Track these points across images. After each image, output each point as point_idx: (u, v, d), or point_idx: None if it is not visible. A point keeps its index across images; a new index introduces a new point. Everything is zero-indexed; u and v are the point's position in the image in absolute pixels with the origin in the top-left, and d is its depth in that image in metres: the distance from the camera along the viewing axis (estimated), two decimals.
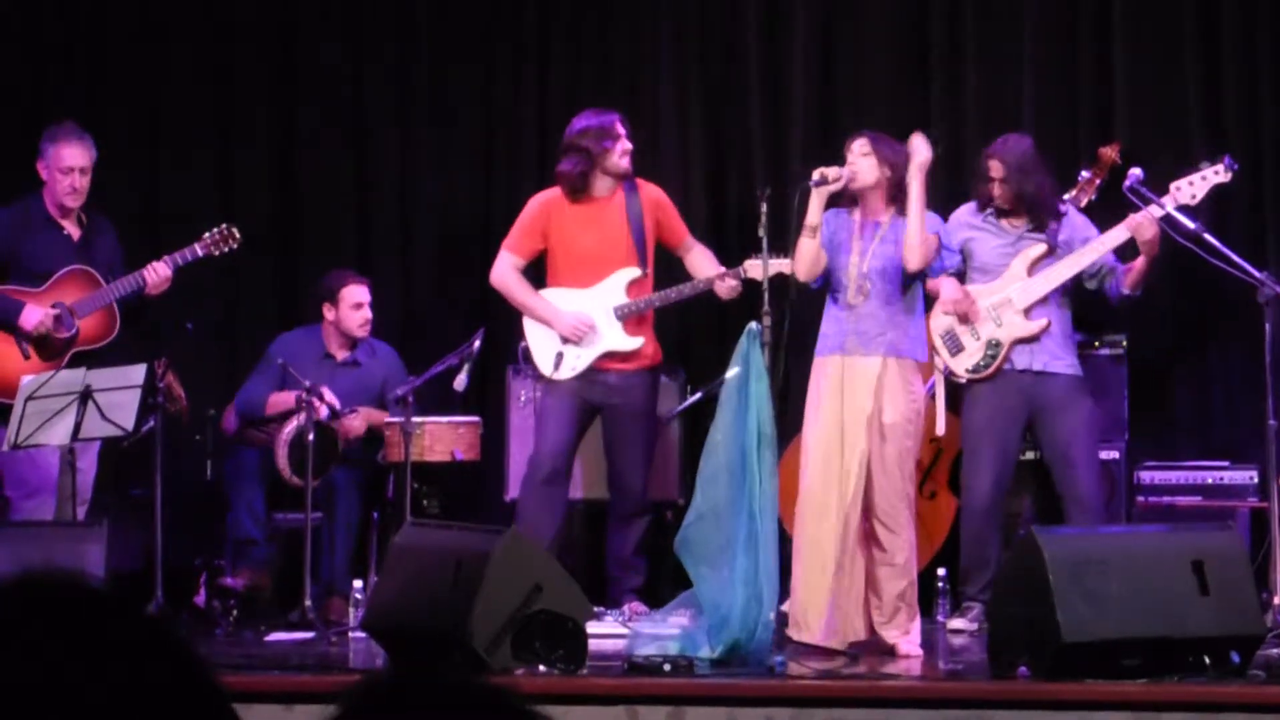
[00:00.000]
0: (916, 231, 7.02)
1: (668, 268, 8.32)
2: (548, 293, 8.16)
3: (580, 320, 8.03)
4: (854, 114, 8.87)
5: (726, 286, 7.99)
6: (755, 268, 7.56)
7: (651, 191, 8.19)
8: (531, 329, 8.15)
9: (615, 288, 8.07)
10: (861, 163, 7.10)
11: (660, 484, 8.51)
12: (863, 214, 7.15)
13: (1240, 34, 8.71)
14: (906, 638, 6.98)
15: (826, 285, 7.21)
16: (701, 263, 8.19)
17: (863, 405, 6.99)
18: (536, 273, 8.28)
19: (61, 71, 9.59)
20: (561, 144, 8.14)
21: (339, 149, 9.58)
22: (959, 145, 8.85)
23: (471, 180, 9.51)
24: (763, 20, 9.19)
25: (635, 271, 8.08)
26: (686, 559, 6.70)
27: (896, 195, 7.12)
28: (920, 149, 7.05)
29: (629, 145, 8.06)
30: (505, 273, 8.22)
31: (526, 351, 8.18)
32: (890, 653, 6.91)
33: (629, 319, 8.06)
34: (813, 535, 6.99)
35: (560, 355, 8.05)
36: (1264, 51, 8.69)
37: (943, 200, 8.51)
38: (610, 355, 8.08)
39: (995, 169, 7.84)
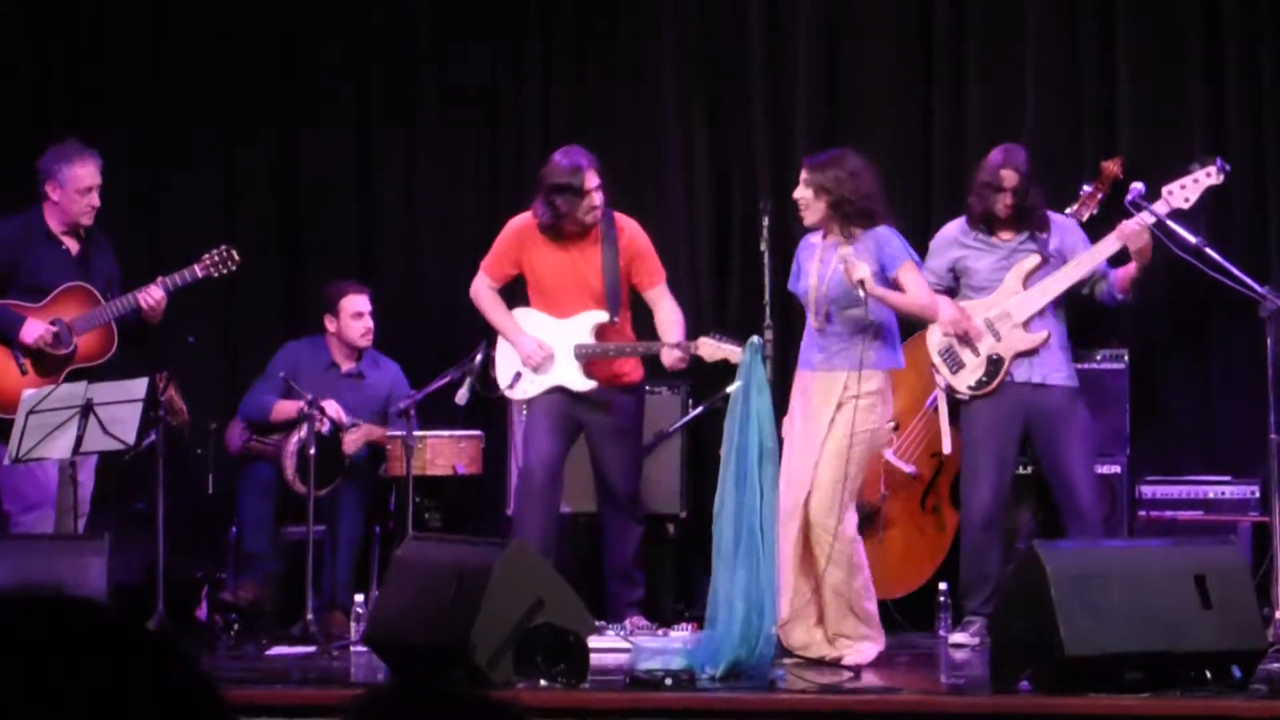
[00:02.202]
0: (912, 308, 7.08)
1: (674, 279, 8.33)
2: (523, 313, 8.15)
3: (539, 347, 8.04)
4: (856, 123, 8.88)
5: (674, 357, 7.84)
6: (706, 346, 7.57)
7: (629, 235, 8.11)
8: (503, 342, 8.16)
9: (583, 327, 8.05)
10: (804, 196, 7.04)
11: (662, 497, 8.51)
12: (825, 236, 7.11)
13: (1244, 46, 8.71)
14: (854, 652, 6.94)
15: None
16: (666, 321, 8.06)
17: (822, 420, 6.95)
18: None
19: (62, 81, 9.60)
20: (537, 180, 8.14)
21: (342, 159, 9.58)
22: (961, 156, 8.85)
23: (475, 191, 9.51)
24: (765, 29, 9.19)
25: (603, 316, 8.04)
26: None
27: (848, 215, 7.03)
28: (855, 270, 6.88)
29: (598, 200, 7.98)
30: (479, 291, 8.23)
31: (491, 360, 8.15)
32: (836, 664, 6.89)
33: (587, 360, 8.03)
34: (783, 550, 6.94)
35: (519, 375, 8.08)
36: (1267, 63, 8.69)
37: (945, 215, 8.51)
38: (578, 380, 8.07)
39: (1009, 179, 7.82)
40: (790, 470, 6.90)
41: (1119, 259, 7.86)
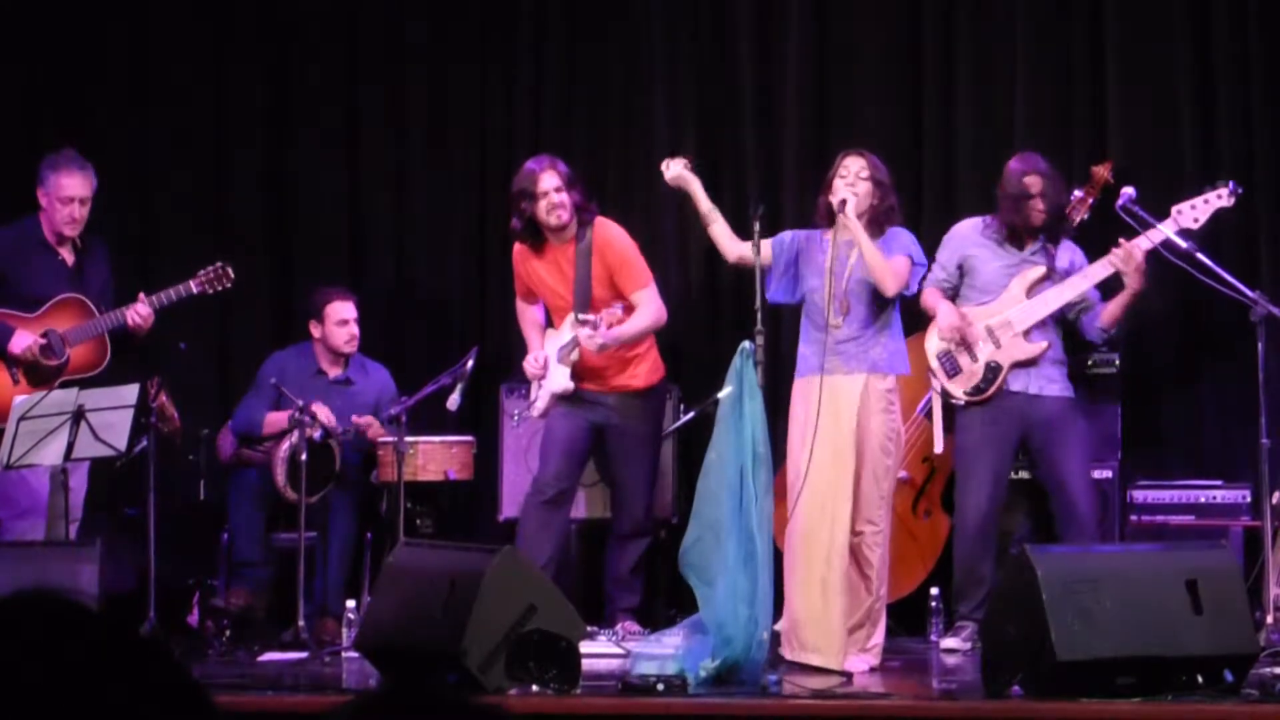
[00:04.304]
0: (876, 261, 7.03)
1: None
2: (549, 331, 8.24)
3: (534, 360, 8.14)
4: (846, 127, 8.88)
5: (583, 334, 7.89)
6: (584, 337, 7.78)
7: (603, 241, 8.09)
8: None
9: (564, 330, 8.10)
10: (860, 186, 7.11)
11: (655, 503, 8.50)
12: (840, 233, 7.15)
13: (1233, 52, 8.71)
14: (862, 655, 6.99)
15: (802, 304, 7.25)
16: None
17: (847, 425, 7.01)
18: None
19: (56, 90, 9.60)
20: None
21: (333, 166, 9.58)
22: (951, 164, 8.86)
23: (466, 198, 9.52)
24: (755, 38, 9.20)
25: (573, 318, 8.06)
26: (692, 579, 6.70)
27: (887, 212, 7.14)
28: (840, 193, 7.07)
29: (557, 199, 7.99)
30: (518, 311, 8.34)
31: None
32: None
33: (568, 360, 8.05)
34: (807, 555, 6.99)
35: (538, 393, 8.15)
36: (1256, 69, 8.69)
37: (936, 218, 8.53)
38: (600, 380, 8.08)
39: (1034, 184, 7.83)
40: (817, 483, 6.94)
41: (1113, 287, 7.84)
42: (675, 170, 7.34)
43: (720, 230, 7.34)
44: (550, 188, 8.01)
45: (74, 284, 8.05)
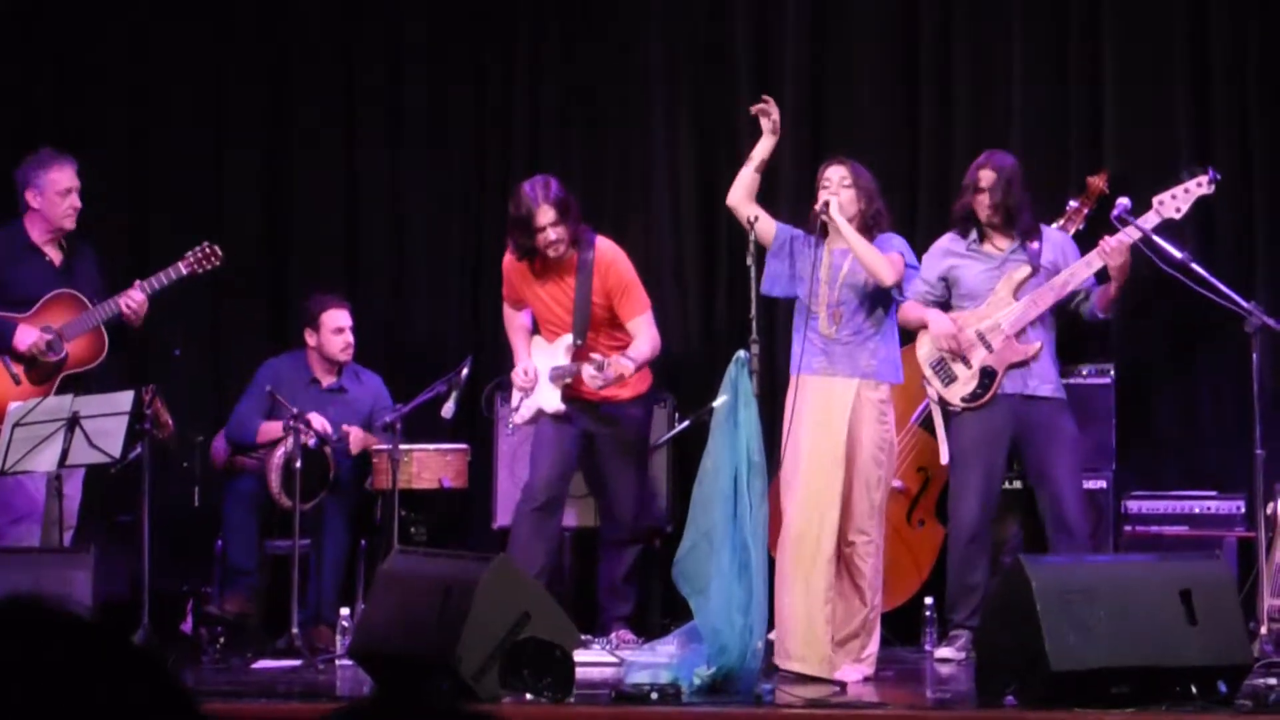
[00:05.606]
0: (867, 251, 7.03)
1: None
2: (535, 340, 8.20)
3: (524, 372, 8.11)
4: (842, 132, 8.89)
5: (587, 374, 7.88)
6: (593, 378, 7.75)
7: (605, 266, 8.05)
8: None
9: (559, 350, 8.09)
10: (843, 193, 7.12)
11: (648, 511, 8.50)
12: (832, 242, 7.16)
13: (1230, 63, 8.72)
14: (856, 665, 6.99)
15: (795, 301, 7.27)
16: (630, 350, 8.02)
17: (838, 431, 7.01)
18: None
19: (51, 95, 9.60)
20: None
21: (329, 173, 9.58)
22: (947, 170, 8.86)
23: (463, 204, 9.51)
24: (753, 39, 9.20)
25: (571, 339, 8.06)
26: (684, 588, 6.70)
27: (875, 219, 7.14)
28: (821, 197, 7.11)
29: (554, 236, 7.91)
30: (505, 316, 8.30)
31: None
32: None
33: (560, 382, 8.05)
34: (794, 561, 6.98)
35: (521, 400, 8.12)
36: (1253, 78, 8.70)
37: (930, 222, 8.53)
38: (589, 389, 8.07)
39: (985, 178, 7.84)
40: (807, 488, 6.94)
41: (1106, 275, 7.87)
42: (775, 118, 7.22)
43: (748, 176, 7.21)
44: (547, 223, 7.92)
45: (62, 282, 8.04)
